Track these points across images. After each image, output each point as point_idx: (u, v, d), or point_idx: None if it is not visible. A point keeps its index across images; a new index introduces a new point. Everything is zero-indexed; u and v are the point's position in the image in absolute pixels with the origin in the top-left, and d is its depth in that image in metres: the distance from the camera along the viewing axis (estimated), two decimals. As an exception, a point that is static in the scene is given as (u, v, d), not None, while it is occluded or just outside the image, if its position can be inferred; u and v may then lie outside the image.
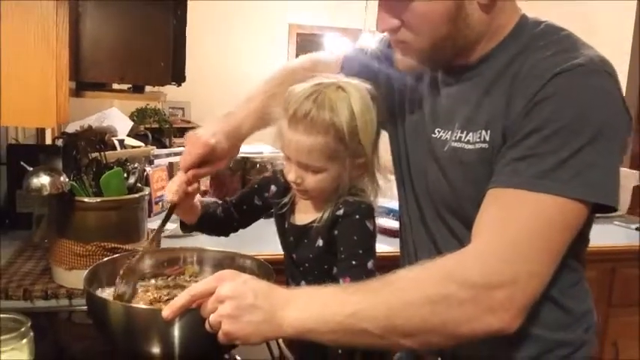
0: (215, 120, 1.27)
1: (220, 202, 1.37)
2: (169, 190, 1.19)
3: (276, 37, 5.99)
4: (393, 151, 1.23)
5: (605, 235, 2.51)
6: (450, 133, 1.04)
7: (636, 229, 2.62)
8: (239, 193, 1.39)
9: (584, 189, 0.86)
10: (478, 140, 0.98)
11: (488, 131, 0.97)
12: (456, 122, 1.03)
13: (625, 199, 2.83)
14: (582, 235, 1.03)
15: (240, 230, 1.39)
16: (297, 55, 6.00)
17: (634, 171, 2.96)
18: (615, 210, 0.91)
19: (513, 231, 0.87)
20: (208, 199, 1.36)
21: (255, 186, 1.37)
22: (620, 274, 2.39)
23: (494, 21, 0.98)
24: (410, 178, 1.16)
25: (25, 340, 0.94)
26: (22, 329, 0.93)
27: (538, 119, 0.89)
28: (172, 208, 1.21)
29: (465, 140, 1.00)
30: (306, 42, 6.08)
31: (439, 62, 1.05)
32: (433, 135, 1.07)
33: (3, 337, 0.91)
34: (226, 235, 1.38)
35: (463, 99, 1.02)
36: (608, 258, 2.36)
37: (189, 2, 1.42)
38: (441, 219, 1.08)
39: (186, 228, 1.34)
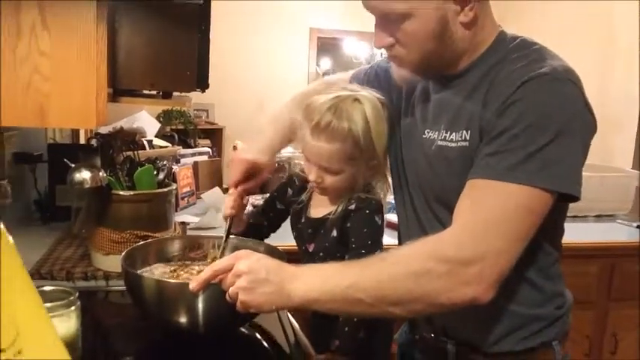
0: (250, 141, 1.44)
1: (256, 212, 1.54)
2: (226, 207, 1.37)
3: (297, 40, 6.06)
4: (390, 152, 1.36)
5: (606, 233, 2.62)
6: (437, 133, 1.17)
7: (637, 227, 2.71)
8: (262, 204, 1.55)
9: (548, 179, 0.98)
10: (460, 139, 1.11)
11: (469, 131, 1.10)
12: (442, 124, 1.16)
13: (628, 198, 2.92)
14: (556, 224, 1.15)
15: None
16: (317, 58, 6.15)
17: (638, 172, 3.05)
18: (578, 199, 1.03)
19: (485, 215, 1.00)
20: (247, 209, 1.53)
21: (275, 193, 1.52)
22: (620, 269, 2.48)
23: (475, 37, 1.11)
24: (404, 174, 1.30)
25: (73, 308, 1.07)
26: (71, 298, 1.08)
27: (508, 120, 1.01)
28: (232, 221, 1.38)
29: (449, 139, 1.13)
30: (326, 45, 6.17)
31: (429, 73, 1.18)
32: (423, 135, 1.21)
33: (54, 305, 1.05)
34: (262, 240, 1.52)
35: (448, 104, 1.16)
36: (609, 254, 2.46)
37: (212, 4, 1.56)
38: (430, 208, 1.22)
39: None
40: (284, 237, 1.55)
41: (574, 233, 2.44)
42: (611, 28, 4.19)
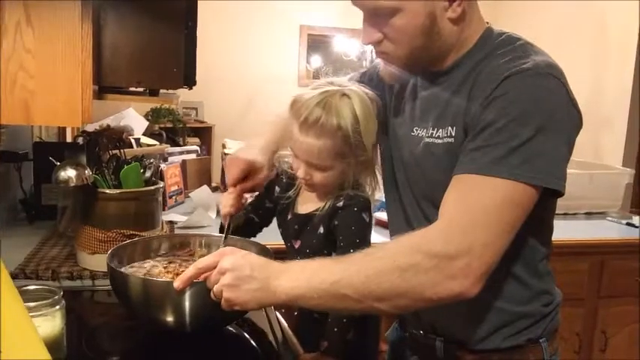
0: (247, 144, 1.44)
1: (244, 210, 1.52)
2: (225, 205, 1.35)
3: (288, 38, 6.03)
4: (381, 151, 1.36)
5: (596, 230, 2.63)
6: (424, 130, 1.17)
7: (627, 224, 2.73)
8: (253, 201, 1.53)
9: (531, 174, 0.98)
10: (446, 135, 1.11)
11: (454, 127, 1.10)
12: (429, 121, 1.16)
13: (618, 195, 2.93)
14: (543, 220, 1.15)
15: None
16: (307, 56, 6.13)
17: (627, 169, 3.07)
18: (562, 194, 1.03)
19: (470, 209, 0.99)
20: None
21: (264, 191, 1.50)
22: (610, 266, 2.50)
23: (462, 33, 1.12)
24: (393, 171, 1.29)
25: (57, 307, 1.07)
26: (56, 297, 1.07)
27: (491, 115, 1.02)
28: (231, 219, 1.36)
29: (436, 136, 1.14)
30: (316, 43, 6.16)
31: (416, 69, 1.18)
32: (412, 133, 1.21)
33: (38, 304, 1.04)
34: (254, 235, 1.52)
35: (435, 100, 1.16)
36: (599, 251, 2.48)
37: (200, 3, 1.54)
38: (417, 205, 1.22)
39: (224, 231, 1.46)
40: (273, 235, 1.54)
41: (564, 230, 2.46)
42: (603, 28, 4.21)
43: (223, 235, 1.36)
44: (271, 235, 1.54)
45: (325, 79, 1.32)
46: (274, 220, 1.52)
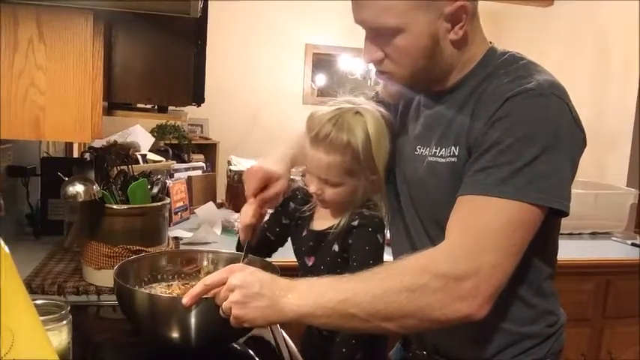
0: (264, 155, 1.44)
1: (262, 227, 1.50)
2: (246, 215, 1.34)
3: (293, 56, 6.07)
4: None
5: (601, 250, 2.62)
6: (427, 149, 1.18)
7: (632, 244, 2.72)
8: (269, 219, 1.52)
9: (536, 194, 0.99)
10: (449, 155, 1.12)
11: (457, 147, 1.10)
12: (432, 140, 1.17)
13: (623, 215, 2.92)
14: (547, 240, 1.15)
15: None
16: (312, 74, 6.16)
17: (632, 189, 3.06)
18: (566, 214, 1.04)
19: (477, 230, 1.00)
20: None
21: (279, 208, 1.50)
22: (615, 286, 2.49)
23: (465, 54, 1.13)
24: (397, 190, 1.30)
25: (64, 322, 1.07)
26: (63, 312, 1.08)
27: (494, 136, 1.02)
28: (254, 230, 1.36)
29: (439, 155, 1.14)
30: (321, 62, 6.19)
31: (417, 88, 1.19)
32: (415, 152, 1.21)
33: (45, 318, 1.03)
34: (270, 255, 1.52)
35: (438, 119, 1.17)
36: (604, 271, 2.47)
37: (208, 21, 1.56)
38: (421, 224, 1.22)
39: (241, 248, 1.44)
40: (280, 252, 1.54)
41: (569, 250, 2.45)
42: (606, 47, 4.22)
43: (243, 253, 1.34)
44: (279, 252, 1.54)
45: (344, 97, 1.33)
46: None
